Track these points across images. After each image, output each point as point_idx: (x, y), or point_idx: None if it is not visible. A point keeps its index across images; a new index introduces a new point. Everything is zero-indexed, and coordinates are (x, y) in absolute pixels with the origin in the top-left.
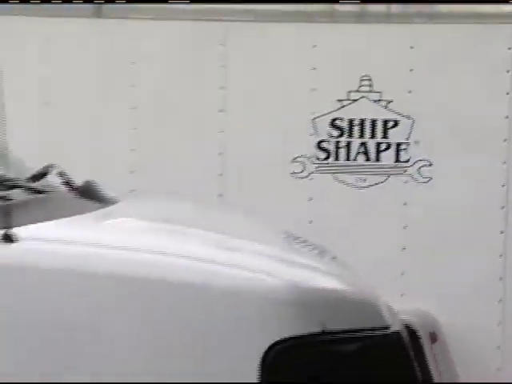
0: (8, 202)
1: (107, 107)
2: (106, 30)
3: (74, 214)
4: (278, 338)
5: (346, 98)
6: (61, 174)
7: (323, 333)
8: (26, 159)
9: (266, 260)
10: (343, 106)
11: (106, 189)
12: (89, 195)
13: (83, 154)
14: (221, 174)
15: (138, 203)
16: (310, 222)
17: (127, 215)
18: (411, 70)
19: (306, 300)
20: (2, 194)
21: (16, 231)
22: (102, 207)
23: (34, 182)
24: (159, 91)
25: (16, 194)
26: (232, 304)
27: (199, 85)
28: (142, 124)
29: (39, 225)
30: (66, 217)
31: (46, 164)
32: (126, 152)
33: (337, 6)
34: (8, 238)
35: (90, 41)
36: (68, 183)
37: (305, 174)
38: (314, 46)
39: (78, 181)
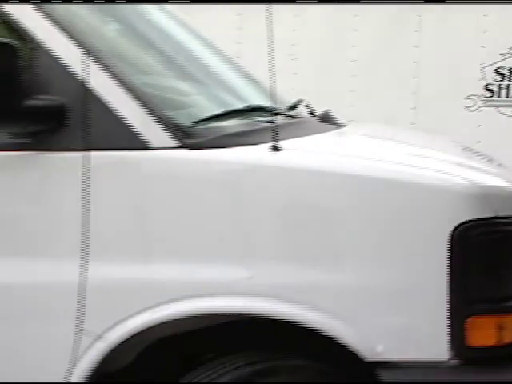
0: (274, 124)
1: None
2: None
3: (317, 133)
4: (462, 221)
5: (507, 52)
6: (307, 106)
7: (496, 217)
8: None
9: (452, 165)
10: (505, 59)
11: (338, 115)
12: (326, 120)
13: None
14: (414, 108)
15: (358, 126)
16: (478, 141)
17: (353, 134)
18: None
19: (483, 193)
20: (270, 119)
21: (280, 144)
22: (336, 128)
23: (290, 110)
24: (376, 51)
25: (279, 119)
26: (429, 197)
27: (399, 45)
28: (362, 72)
29: (295, 139)
30: (312, 134)
31: (297, 99)
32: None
33: None
34: (275, 149)
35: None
36: (312, 112)
37: (475, 107)
38: (485, 16)
39: (319, 110)
